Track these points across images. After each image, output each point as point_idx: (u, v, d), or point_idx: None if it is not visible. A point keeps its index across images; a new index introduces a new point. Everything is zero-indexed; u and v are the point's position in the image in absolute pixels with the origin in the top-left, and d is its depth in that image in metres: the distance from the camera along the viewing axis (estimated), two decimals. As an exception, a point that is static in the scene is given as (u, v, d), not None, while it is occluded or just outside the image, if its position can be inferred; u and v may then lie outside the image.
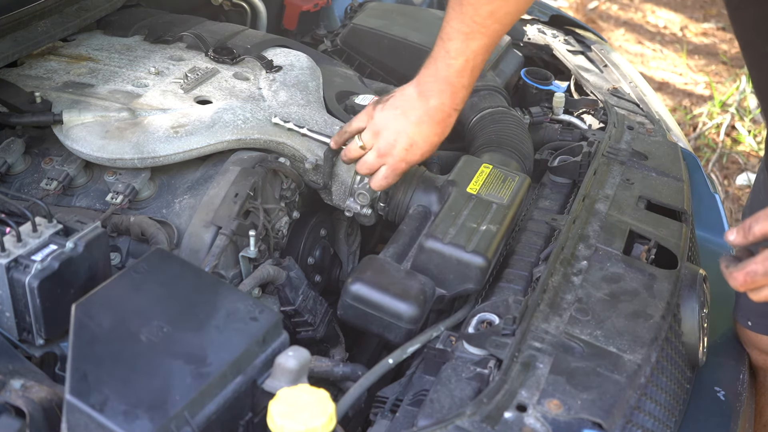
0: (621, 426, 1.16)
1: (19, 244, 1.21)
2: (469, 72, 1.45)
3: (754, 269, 1.19)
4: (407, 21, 2.24)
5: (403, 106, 1.48)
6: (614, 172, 1.72)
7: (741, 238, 1.22)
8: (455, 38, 1.42)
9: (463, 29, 1.41)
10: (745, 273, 1.20)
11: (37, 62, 1.74)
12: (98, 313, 1.08)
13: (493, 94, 1.96)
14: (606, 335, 1.29)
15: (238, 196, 1.46)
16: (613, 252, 1.47)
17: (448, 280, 1.41)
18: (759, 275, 1.19)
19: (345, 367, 1.35)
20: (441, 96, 1.46)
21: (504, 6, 1.39)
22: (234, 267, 1.46)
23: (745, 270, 1.20)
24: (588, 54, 2.32)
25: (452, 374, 1.23)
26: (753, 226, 1.21)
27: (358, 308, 1.37)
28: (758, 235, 1.20)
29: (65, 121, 1.54)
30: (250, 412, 1.11)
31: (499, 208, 1.50)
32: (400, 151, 1.49)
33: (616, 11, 5.33)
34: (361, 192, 1.59)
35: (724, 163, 3.85)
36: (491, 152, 1.75)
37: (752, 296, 1.23)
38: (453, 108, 1.48)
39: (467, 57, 1.43)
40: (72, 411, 0.98)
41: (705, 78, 4.59)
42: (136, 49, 1.83)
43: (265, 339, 1.12)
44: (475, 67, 1.45)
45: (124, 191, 1.50)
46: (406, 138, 1.48)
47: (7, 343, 1.21)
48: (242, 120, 1.58)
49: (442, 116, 1.48)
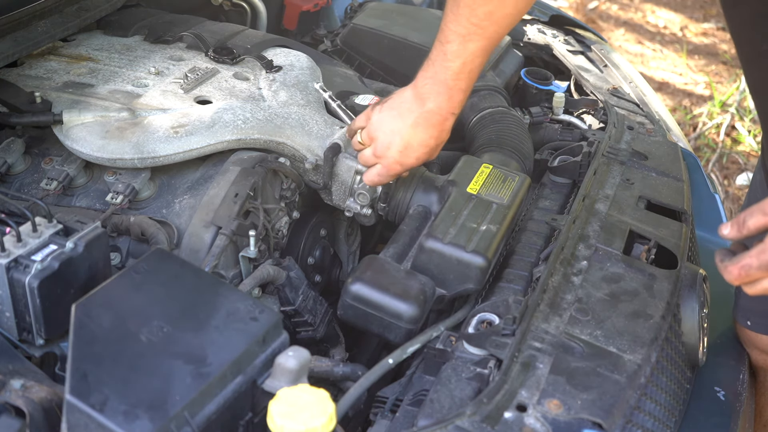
0: (621, 426, 1.16)
1: (19, 244, 1.21)
2: (467, 75, 1.44)
3: (748, 263, 1.19)
4: (407, 21, 2.24)
5: (399, 108, 1.48)
6: (614, 172, 1.72)
7: (735, 232, 1.23)
8: (452, 40, 1.41)
9: (460, 31, 1.40)
10: (740, 267, 1.20)
11: (37, 62, 1.74)
12: (98, 313, 1.08)
13: (493, 94, 1.96)
14: (606, 335, 1.29)
15: (238, 196, 1.46)
16: (613, 252, 1.47)
17: (448, 280, 1.41)
18: (753, 269, 1.19)
19: (345, 367, 1.35)
20: (437, 99, 1.45)
21: (501, 7, 1.38)
22: (234, 267, 1.46)
23: (740, 264, 1.20)
24: (588, 54, 2.32)
25: (452, 374, 1.23)
26: (747, 220, 1.21)
27: (358, 308, 1.37)
28: (752, 228, 1.21)
29: (65, 121, 1.54)
30: (250, 412, 1.11)
31: (499, 208, 1.50)
32: (395, 153, 1.49)
33: (616, 11, 5.33)
34: (361, 192, 1.59)
35: (724, 163, 3.85)
36: (491, 152, 1.75)
37: (747, 290, 1.23)
38: (450, 111, 1.47)
39: (464, 59, 1.42)
40: (72, 411, 0.98)
41: (705, 78, 4.59)
42: (136, 49, 1.83)
43: (265, 339, 1.12)
44: (473, 70, 1.44)
45: (124, 191, 1.50)
46: (401, 140, 1.48)
47: (7, 343, 1.21)
48: (242, 120, 1.58)
49: (439, 119, 1.47)
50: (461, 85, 1.44)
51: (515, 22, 1.45)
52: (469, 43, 1.40)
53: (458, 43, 1.41)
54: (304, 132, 1.64)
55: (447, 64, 1.42)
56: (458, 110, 1.48)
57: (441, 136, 1.50)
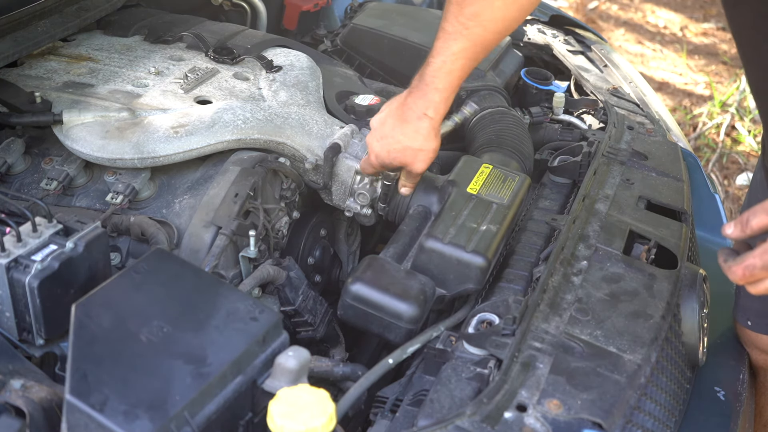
0: (621, 426, 1.16)
1: (19, 244, 1.21)
2: (444, 74, 1.40)
3: (752, 263, 1.19)
4: (407, 21, 2.24)
5: (394, 100, 1.49)
6: (614, 172, 1.72)
7: (738, 232, 1.23)
8: (440, 37, 1.40)
9: (447, 28, 1.39)
10: (743, 266, 1.20)
11: (37, 62, 1.74)
12: (98, 313, 1.08)
13: (493, 94, 1.96)
14: (606, 335, 1.29)
15: (238, 196, 1.46)
16: (613, 252, 1.47)
17: (448, 280, 1.41)
18: (757, 268, 1.19)
19: (345, 367, 1.35)
20: (415, 94, 1.43)
21: (488, 9, 1.36)
22: (234, 267, 1.46)
23: (744, 263, 1.20)
24: (588, 54, 2.32)
25: (452, 374, 1.23)
26: (750, 219, 1.21)
27: (358, 308, 1.37)
28: (755, 228, 1.21)
29: (65, 121, 1.54)
30: (250, 412, 1.11)
31: (499, 208, 1.50)
32: (373, 140, 1.49)
33: (616, 11, 5.33)
34: (361, 192, 1.59)
35: (724, 163, 3.85)
36: (491, 152, 1.75)
37: (750, 289, 1.23)
38: (423, 111, 1.42)
39: (445, 58, 1.40)
40: (72, 411, 0.98)
41: (705, 78, 4.59)
42: (136, 49, 1.83)
43: (265, 339, 1.12)
44: (453, 72, 1.40)
45: (124, 191, 1.50)
46: (382, 128, 1.48)
47: (7, 343, 1.21)
48: (242, 120, 1.58)
49: (411, 116, 1.43)
50: (437, 83, 1.41)
51: (503, 30, 1.41)
52: (453, 42, 1.39)
53: (442, 40, 1.40)
54: (304, 132, 1.64)
55: (429, 60, 1.42)
56: (434, 113, 1.43)
57: (415, 138, 1.44)
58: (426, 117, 1.44)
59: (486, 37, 1.39)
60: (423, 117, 1.44)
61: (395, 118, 1.46)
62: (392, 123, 1.46)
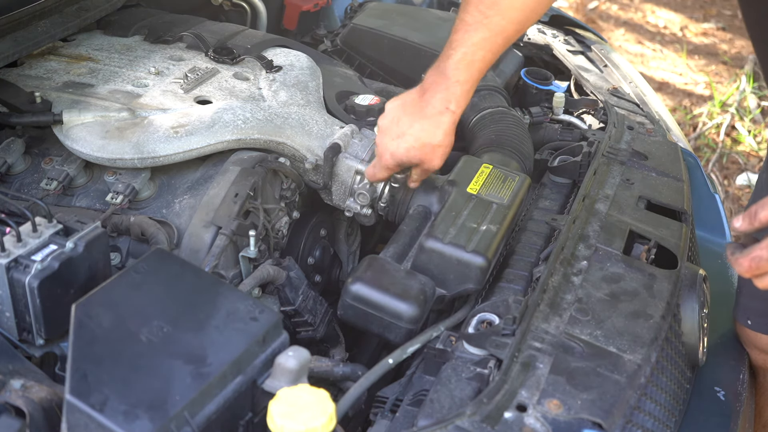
0: (621, 426, 1.16)
1: (19, 244, 1.21)
2: (465, 66, 1.40)
3: (759, 255, 1.19)
4: (407, 21, 2.24)
5: (404, 97, 1.47)
6: (614, 172, 1.72)
7: (747, 224, 1.23)
8: (459, 29, 1.40)
9: (466, 19, 1.39)
10: (750, 258, 1.20)
11: (37, 62, 1.74)
12: (98, 313, 1.08)
13: (493, 94, 1.96)
14: (606, 335, 1.29)
15: (238, 196, 1.46)
16: (613, 252, 1.47)
17: (448, 280, 1.41)
18: (764, 261, 1.19)
19: (345, 367, 1.35)
20: (434, 88, 1.42)
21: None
22: (234, 267, 1.46)
23: (751, 255, 1.20)
24: (588, 54, 2.32)
25: (452, 374, 1.23)
26: (759, 212, 1.21)
27: (358, 308, 1.37)
28: (764, 221, 1.21)
29: (65, 121, 1.54)
30: (250, 412, 1.11)
31: (499, 208, 1.50)
32: (388, 140, 1.46)
33: (616, 11, 5.33)
34: (361, 192, 1.59)
35: (724, 163, 3.85)
36: (491, 152, 1.75)
37: (757, 283, 1.23)
38: (445, 105, 1.41)
39: (466, 49, 1.39)
40: (72, 411, 0.98)
41: (705, 78, 4.59)
42: (136, 49, 1.83)
43: (265, 339, 1.12)
44: (473, 63, 1.40)
45: (124, 191, 1.50)
46: (396, 127, 1.45)
47: (7, 343, 1.21)
48: (242, 120, 1.58)
49: (433, 112, 1.42)
50: (459, 76, 1.40)
51: (523, 21, 1.41)
52: (473, 32, 1.39)
53: (462, 32, 1.39)
54: (304, 132, 1.64)
55: (449, 52, 1.41)
56: (456, 107, 1.42)
57: (435, 133, 1.43)
58: (448, 111, 1.42)
59: (506, 27, 1.39)
60: (445, 111, 1.42)
61: (411, 114, 1.43)
62: (408, 120, 1.43)
